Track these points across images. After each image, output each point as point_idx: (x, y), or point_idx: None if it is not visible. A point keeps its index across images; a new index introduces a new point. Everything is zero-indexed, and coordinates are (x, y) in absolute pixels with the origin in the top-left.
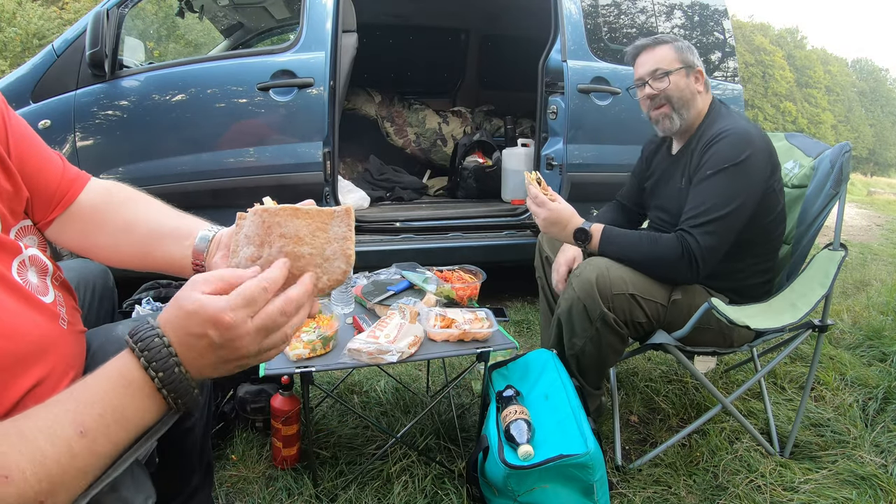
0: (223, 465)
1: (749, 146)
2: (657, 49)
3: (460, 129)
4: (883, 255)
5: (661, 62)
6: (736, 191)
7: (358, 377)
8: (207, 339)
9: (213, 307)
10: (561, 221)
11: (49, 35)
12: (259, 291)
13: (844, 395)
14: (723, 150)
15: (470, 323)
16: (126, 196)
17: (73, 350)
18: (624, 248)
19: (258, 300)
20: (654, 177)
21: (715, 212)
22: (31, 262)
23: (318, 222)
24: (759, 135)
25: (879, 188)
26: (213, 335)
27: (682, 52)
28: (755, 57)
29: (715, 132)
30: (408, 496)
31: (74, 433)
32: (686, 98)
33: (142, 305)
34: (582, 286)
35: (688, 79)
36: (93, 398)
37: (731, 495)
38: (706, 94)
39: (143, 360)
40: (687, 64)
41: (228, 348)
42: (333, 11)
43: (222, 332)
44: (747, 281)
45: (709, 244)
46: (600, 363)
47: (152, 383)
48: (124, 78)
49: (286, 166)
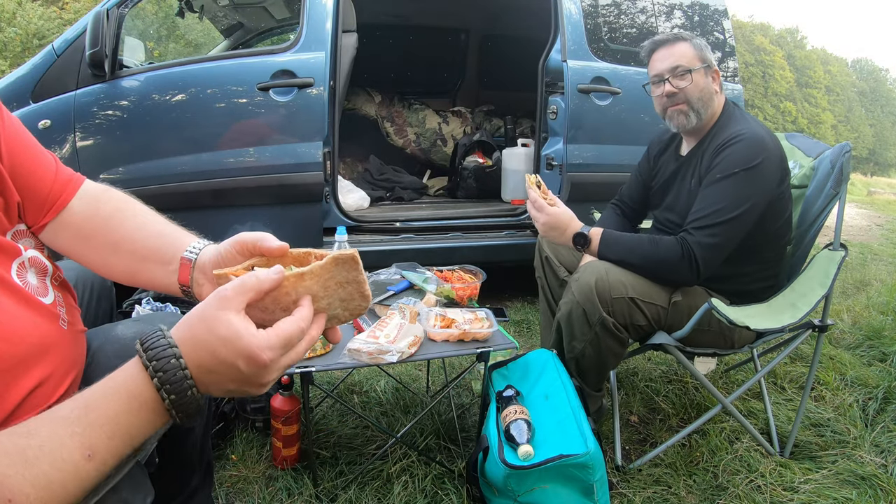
0: (223, 465)
1: (763, 152)
2: (676, 45)
3: (460, 129)
4: (883, 255)
5: (681, 59)
6: (744, 196)
7: (358, 377)
8: (236, 369)
9: (252, 343)
10: (560, 226)
11: (49, 35)
12: (297, 333)
13: (844, 395)
14: (735, 153)
15: (470, 323)
16: (113, 209)
17: (74, 350)
18: (623, 251)
19: (294, 342)
20: (661, 177)
21: (721, 215)
22: (31, 264)
23: (324, 278)
24: (772, 140)
25: (879, 188)
26: (242, 367)
27: (701, 49)
28: (755, 57)
29: (729, 135)
30: (408, 496)
31: (82, 457)
32: (705, 98)
33: (142, 305)
34: (581, 290)
35: (707, 78)
36: (101, 419)
37: (731, 495)
38: (721, 94)
39: (157, 381)
40: (706, 63)
41: (252, 382)
42: (333, 11)
43: (254, 368)
44: (751, 286)
45: (711, 247)
46: (600, 366)
47: (163, 403)
48: (124, 78)
49: (286, 166)
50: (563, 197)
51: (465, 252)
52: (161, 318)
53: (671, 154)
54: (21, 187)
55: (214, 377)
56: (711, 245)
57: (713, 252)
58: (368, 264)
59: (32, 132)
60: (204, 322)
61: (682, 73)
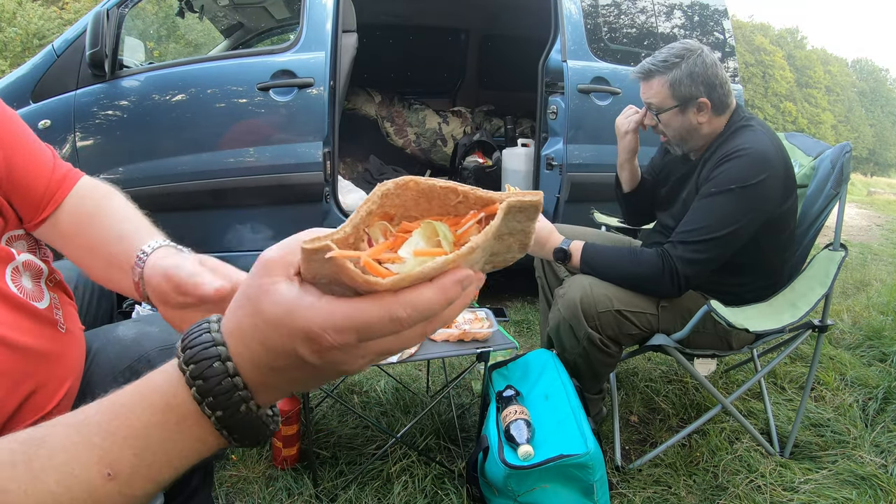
0: (223, 465)
1: (765, 170)
2: (652, 81)
3: (460, 129)
4: (883, 255)
5: (653, 98)
6: (737, 214)
7: (358, 377)
8: (299, 360)
9: (310, 319)
10: (539, 241)
11: (49, 35)
12: (385, 324)
13: (844, 395)
14: (734, 169)
15: (470, 323)
16: (93, 207)
17: (71, 354)
18: (604, 266)
19: (375, 331)
20: (670, 179)
21: (707, 232)
22: (25, 268)
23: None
24: (779, 156)
25: (879, 188)
26: (307, 356)
27: (678, 86)
28: (755, 57)
29: (732, 147)
30: (408, 496)
31: (99, 475)
32: (682, 134)
33: (142, 305)
34: (567, 307)
35: (684, 115)
36: (127, 432)
37: (731, 495)
38: (717, 117)
39: (196, 392)
40: (683, 100)
41: (327, 370)
42: (333, 11)
43: (320, 353)
44: (746, 295)
45: (694, 262)
46: (593, 375)
47: (209, 420)
48: (124, 78)
49: (286, 166)
50: (563, 197)
51: None
52: (159, 321)
53: (680, 156)
54: (16, 181)
55: (277, 378)
56: (694, 261)
57: (696, 268)
58: None
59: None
60: (249, 302)
61: (654, 111)
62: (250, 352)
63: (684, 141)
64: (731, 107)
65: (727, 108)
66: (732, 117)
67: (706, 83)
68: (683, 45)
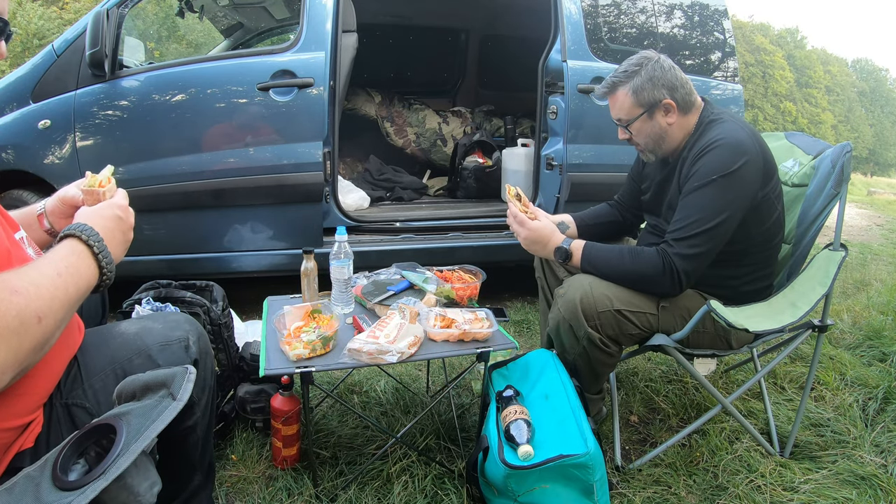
0: (223, 465)
1: (742, 155)
2: (616, 94)
3: (460, 129)
4: (883, 255)
5: (620, 112)
6: (724, 203)
7: (358, 377)
8: (115, 218)
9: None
10: (541, 240)
11: (49, 35)
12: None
13: (844, 395)
14: (713, 160)
15: (470, 323)
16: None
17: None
18: (605, 265)
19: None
20: (650, 183)
21: (700, 225)
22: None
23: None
24: (754, 142)
25: (879, 188)
26: (120, 214)
27: (641, 92)
28: (755, 57)
29: (707, 141)
30: (408, 496)
31: (55, 274)
32: (654, 139)
33: (142, 305)
34: (566, 307)
35: (652, 120)
36: (59, 258)
37: (731, 495)
38: (685, 116)
39: (84, 236)
40: (648, 105)
41: (126, 222)
42: (333, 11)
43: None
44: (743, 288)
45: (692, 258)
46: (593, 375)
47: (92, 251)
48: (124, 78)
49: (286, 166)
50: (563, 197)
51: (465, 252)
52: (161, 318)
53: (658, 161)
54: None
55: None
56: (692, 256)
57: (695, 262)
58: (369, 264)
59: (32, 132)
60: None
61: (624, 125)
62: (93, 221)
63: (658, 146)
64: (697, 105)
65: (693, 107)
66: (702, 115)
67: (667, 85)
68: (641, 55)
